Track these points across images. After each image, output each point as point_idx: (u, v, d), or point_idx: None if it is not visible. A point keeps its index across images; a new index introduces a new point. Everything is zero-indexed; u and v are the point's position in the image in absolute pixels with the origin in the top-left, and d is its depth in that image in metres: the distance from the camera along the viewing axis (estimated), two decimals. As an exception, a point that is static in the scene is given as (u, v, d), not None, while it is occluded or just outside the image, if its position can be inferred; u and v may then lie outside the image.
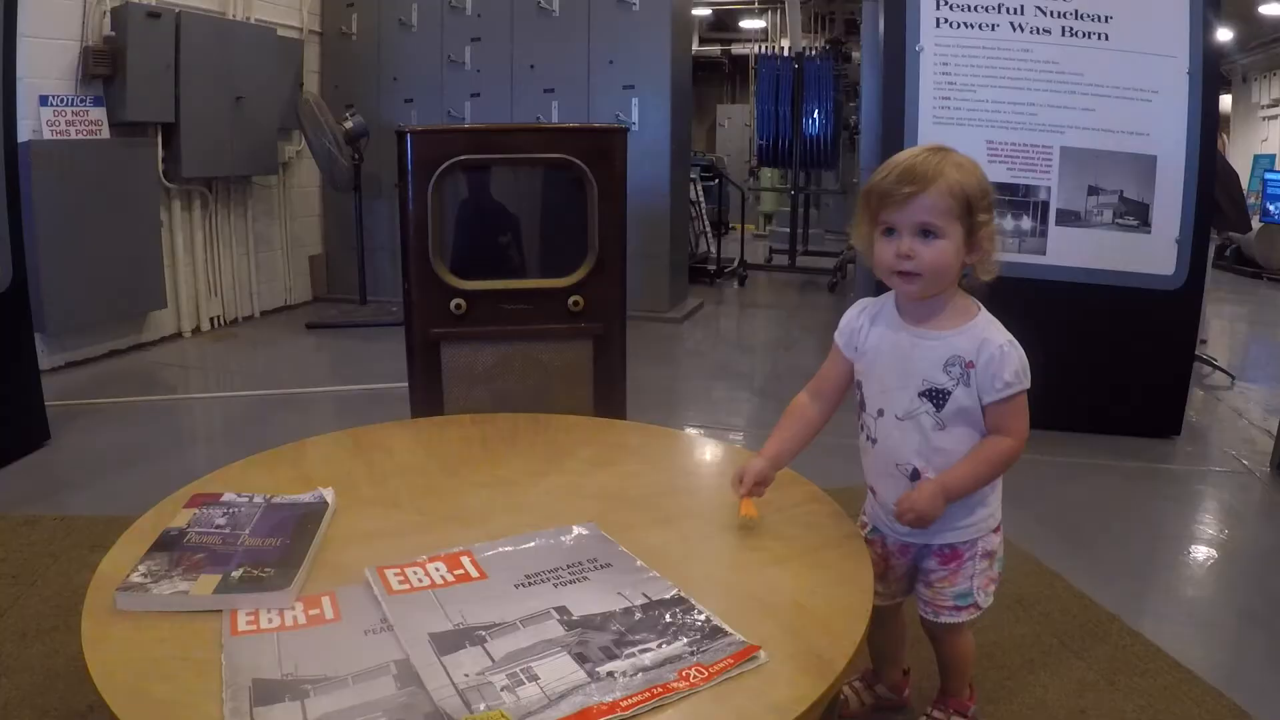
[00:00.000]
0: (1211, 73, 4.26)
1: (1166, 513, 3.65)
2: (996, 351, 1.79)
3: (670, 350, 6.39)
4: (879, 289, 1.94)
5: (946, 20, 4.34)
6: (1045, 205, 4.33)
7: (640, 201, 6.61)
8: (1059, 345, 4.48)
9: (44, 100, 5.27)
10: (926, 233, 1.75)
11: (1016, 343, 1.83)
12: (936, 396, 1.83)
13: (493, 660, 1.32)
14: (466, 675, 1.29)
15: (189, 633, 1.39)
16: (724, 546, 1.72)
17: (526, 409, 3.08)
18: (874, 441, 1.97)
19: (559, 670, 1.30)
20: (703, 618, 1.44)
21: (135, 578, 1.50)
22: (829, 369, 2.08)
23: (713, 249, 10.04)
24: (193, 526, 1.69)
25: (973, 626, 1.99)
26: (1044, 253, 4.35)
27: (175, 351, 6.06)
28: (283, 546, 1.62)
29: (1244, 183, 8.79)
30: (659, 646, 1.36)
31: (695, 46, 15.45)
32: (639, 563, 1.60)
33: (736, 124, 16.41)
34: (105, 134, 5.58)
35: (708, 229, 10.38)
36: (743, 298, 8.74)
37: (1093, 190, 4.31)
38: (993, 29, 4.31)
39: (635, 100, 6.96)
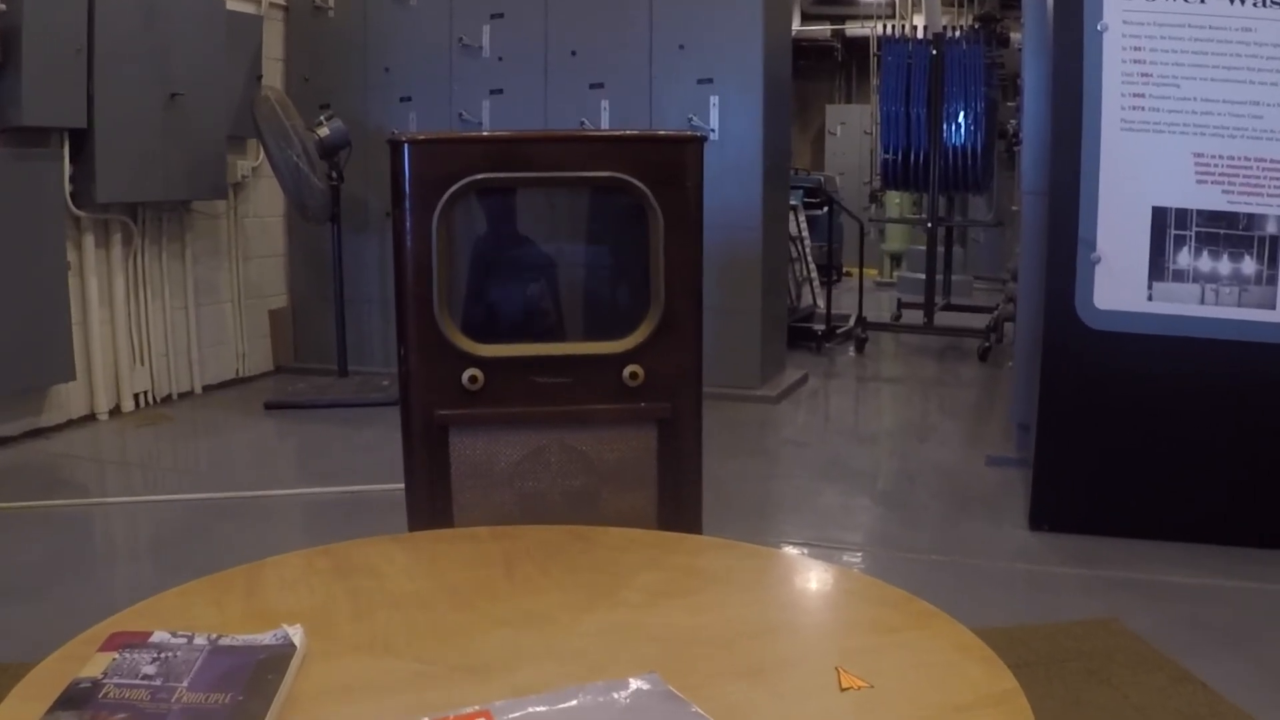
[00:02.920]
0: None
1: None
2: None
3: (762, 440, 6.38)
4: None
5: (1141, -12, 4.36)
6: (1275, 241, 4.30)
7: (722, 237, 6.61)
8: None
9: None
10: None
11: None
12: None
13: None
14: None
15: (109, 819, 1.40)
16: (833, 706, 1.72)
17: (566, 519, 3.09)
18: None
19: None
20: (808, 807, 1.43)
21: (37, 744, 1.52)
22: None
23: (820, 302, 10.05)
24: (111, 676, 1.70)
25: None
26: (1273, 306, 4.32)
27: (87, 439, 6.14)
28: (234, 705, 1.63)
29: None
30: (748, 846, 1.36)
31: (797, 26, 15.58)
32: (720, 731, 1.60)
33: (853, 131, 16.47)
34: (-6, 144, 5.69)
35: (813, 275, 10.41)
36: (861, 368, 8.72)
37: (1345, 221, 4.28)
38: (1203, 1, 4.31)
39: (714, 99, 7.02)
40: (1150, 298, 4.39)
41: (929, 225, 10.13)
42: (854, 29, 17.45)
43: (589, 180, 3.20)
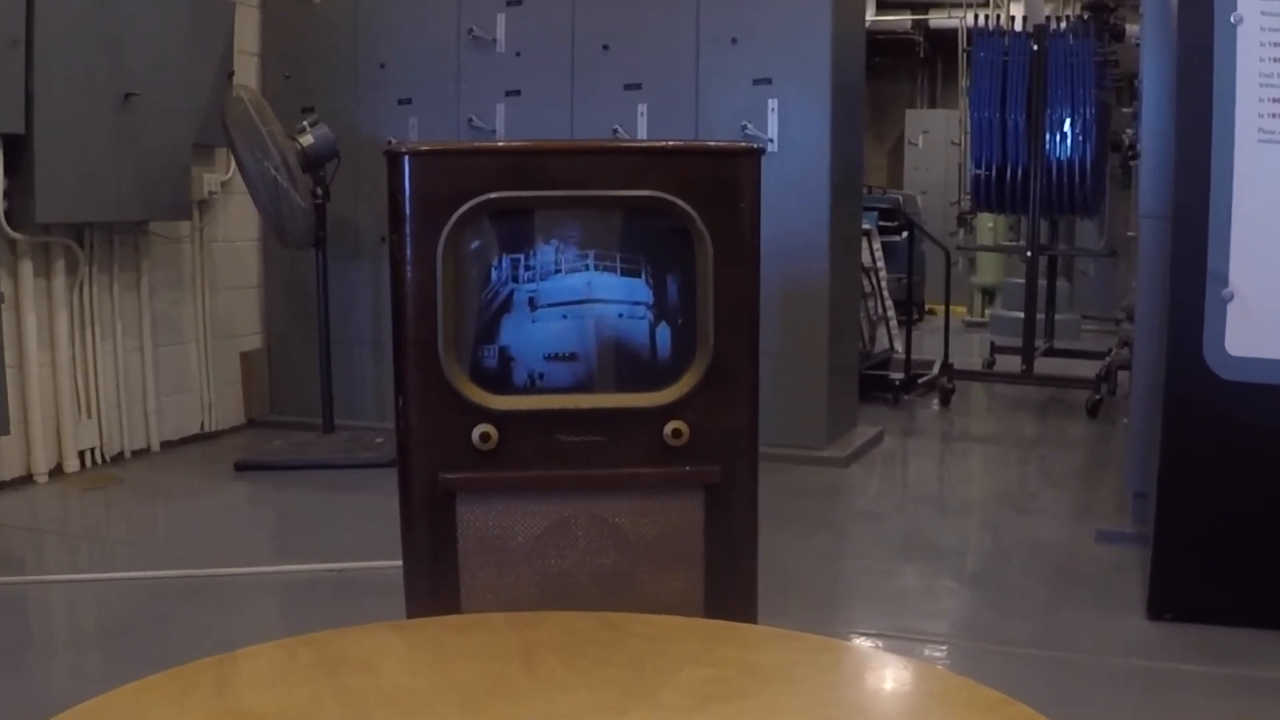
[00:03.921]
0: None
1: None
2: None
3: (829, 510, 6.38)
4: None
5: (1284, -26, 4.36)
6: None
7: (781, 268, 6.61)
8: None
9: None
10: None
11: None
12: None
13: None
14: None
15: None
16: (919, 835, 1.72)
17: (595, 605, 3.09)
18: None
19: None
20: None
21: None
22: None
23: (899, 345, 10.05)
24: (57, 787, 1.72)
25: None
26: None
27: (22, 505, 6.16)
28: (203, 821, 1.64)
29: None
30: None
31: (871, 16, 15.63)
32: None
33: (938, 141, 16.50)
34: (-90, 153, 5.73)
35: (890, 313, 10.40)
36: (947, 425, 8.72)
37: None
38: (1359, -14, 4.32)
39: (773, 103, 7.04)
40: (1294, 342, 4.38)
41: (1028, 254, 10.11)
42: (939, 19, 17.45)
43: (624, 200, 3.21)
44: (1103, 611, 4.84)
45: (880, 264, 10.47)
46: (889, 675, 2.47)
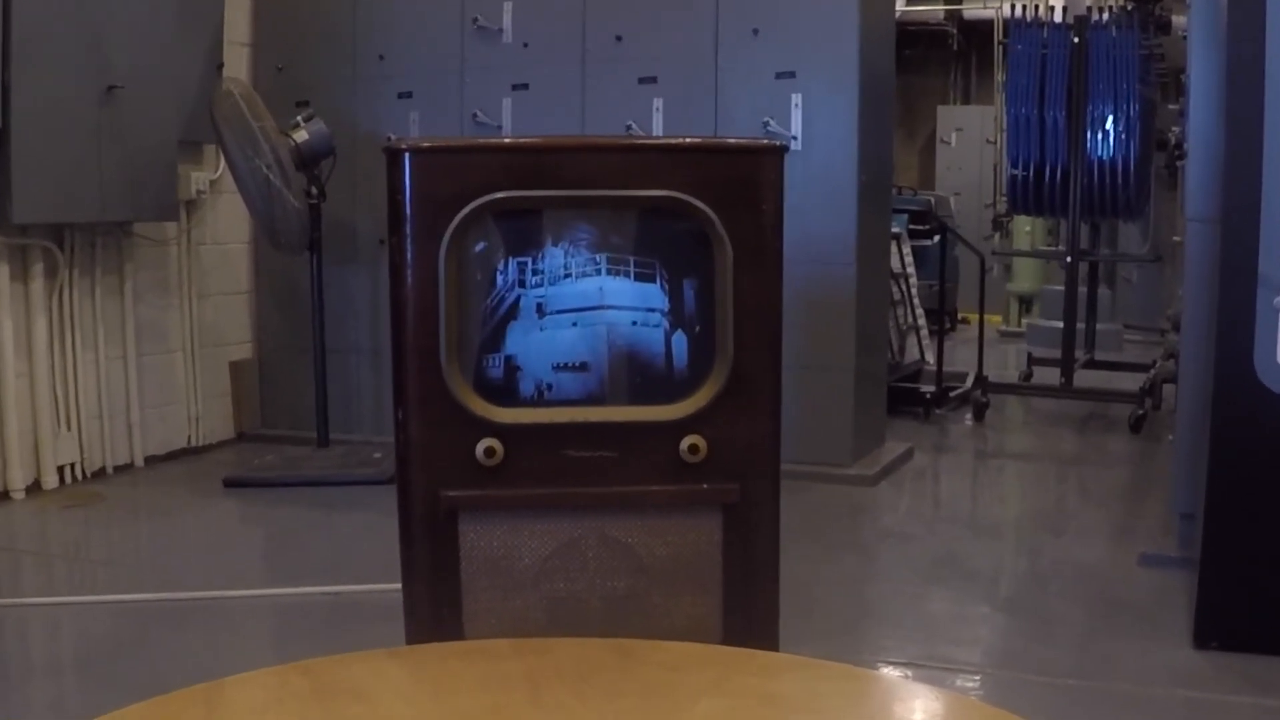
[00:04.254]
0: None
1: None
2: None
3: (855, 531, 6.37)
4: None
5: (1343, -42, 4.35)
6: None
7: (805, 274, 6.60)
8: None
9: None
10: None
11: None
12: None
13: None
14: None
15: None
16: None
17: (606, 631, 3.09)
18: None
19: None
20: None
21: None
22: None
23: (930, 357, 10.04)
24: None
25: None
26: None
27: (-1, 523, 6.19)
28: None
29: None
30: None
31: (902, 6, 15.62)
32: None
33: (972, 140, 16.49)
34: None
35: (921, 322, 10.39)
36: (981, 441, 8.70)
37: None
38: None
39: (797, 98, 7.03)
40: (1352, 354, 4.37)
41: (1068, 260, 10.08)
42: (974, 9, 17.45)
43: (638, 200, 3.20)
44: (1145, 640, 4.83)
45: (910, 270, 10.46)
46: (919, 706, 2.46)
